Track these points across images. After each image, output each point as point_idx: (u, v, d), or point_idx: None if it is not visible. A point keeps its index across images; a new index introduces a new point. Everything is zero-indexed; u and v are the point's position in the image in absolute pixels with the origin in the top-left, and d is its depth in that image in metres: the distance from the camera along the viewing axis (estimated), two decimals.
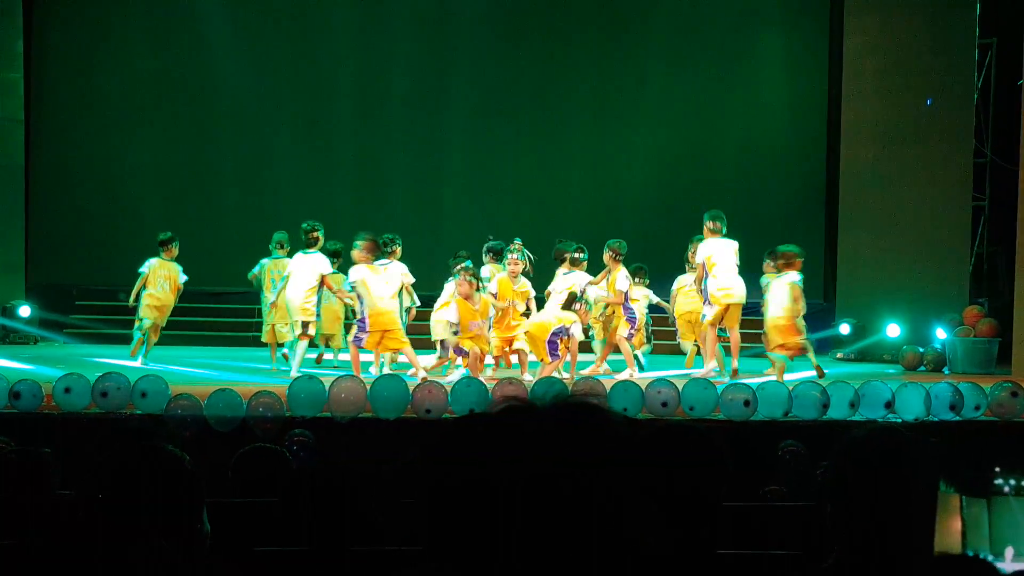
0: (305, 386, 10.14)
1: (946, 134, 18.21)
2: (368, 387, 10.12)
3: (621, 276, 14.05)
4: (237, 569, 4.45)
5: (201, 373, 13.37)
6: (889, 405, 10.57)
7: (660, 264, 16.70)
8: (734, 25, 20.18)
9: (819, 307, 19.19)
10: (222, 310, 16.89)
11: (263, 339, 14.86)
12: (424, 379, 11.40)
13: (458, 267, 13.31)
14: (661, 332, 16.32)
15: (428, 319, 14.01)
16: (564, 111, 20.03)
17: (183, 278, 14.46)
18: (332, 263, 14.14)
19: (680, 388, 10.51)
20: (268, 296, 14.52)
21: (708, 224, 14.08)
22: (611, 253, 14.10)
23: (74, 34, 19.46)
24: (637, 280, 14.70)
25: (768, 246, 16.36)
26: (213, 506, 2.87)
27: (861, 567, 2.88)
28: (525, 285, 13.67)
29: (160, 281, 14.39)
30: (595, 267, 14.59)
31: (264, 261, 14.78)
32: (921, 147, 18.16)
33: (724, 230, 14.06)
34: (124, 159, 19.41)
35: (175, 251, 14.49)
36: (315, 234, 13.83)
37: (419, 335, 14.16)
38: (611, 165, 20.06)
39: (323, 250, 13.92)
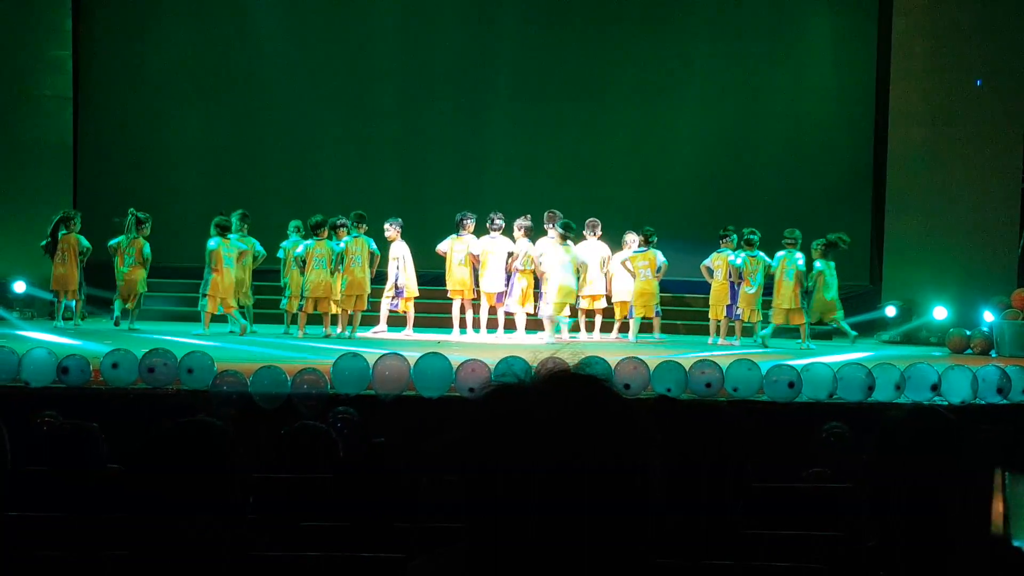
0: (349, 364, 10.17)
1: (996, 115, 18.01)
2: (412, 365, 10.14)
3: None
4: (283, 543, 4.49)
5: (247, 349, 13.47)
6: (935, 388, 10.49)
7: (703, 243, 16.69)
8: (781, 5, 20.03)
9: (865, 289, 19.08)
10: (263, 287, 16.97)
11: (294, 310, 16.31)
12: None
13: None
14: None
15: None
16: (609, 91, 19.95)
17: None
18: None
19: (724, 369, 10.47)
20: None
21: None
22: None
23: (122, 12, 19.59)
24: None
25: (814, 226, 16.38)
26: (259, 482, 2.89)
27: (902, 548, 2.86)
28: None
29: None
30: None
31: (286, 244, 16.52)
32: (970, 128, 17.98)
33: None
34: (170, 137, 19.56)
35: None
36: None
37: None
38: (656, 146, 19.98)
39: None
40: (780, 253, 16.20)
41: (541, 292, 16.13)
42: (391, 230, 16.15)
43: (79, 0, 19.09)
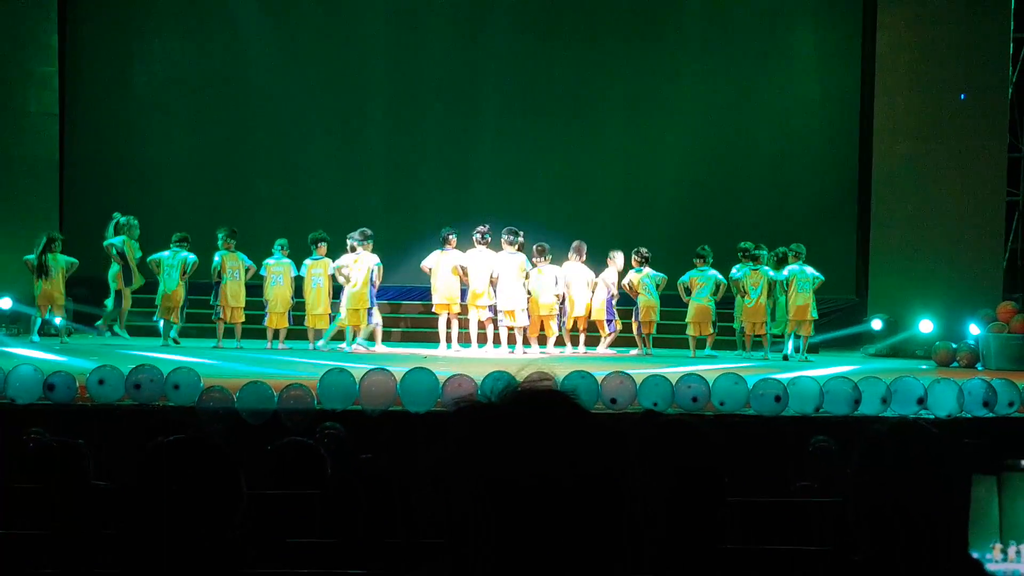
0: (336, 379, 10.17)
1: (980, 129, 18.09)
2: (398, 380, 10.14)
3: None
4: (271, 560, 4.49)
5: (232, 365, 13.45)
6: (921, 401, 10.52)
7: (689, 258, 16.72)
8: (766, 21, 20.08)
9: (851, 302, 19.13)
10: (252, 303, 16.94)
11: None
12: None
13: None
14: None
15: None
16: (596, 107, 19.97)
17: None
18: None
19: (711, 383, 10.49)
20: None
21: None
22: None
23: (108, 28, 19.56)
24: None
25: (800, 240, 16.51)
26: (247, 498, 2.90)
27: (887, 563, 2.88)
28: None
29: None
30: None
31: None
32: (955, 142, 18.05)
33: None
34: (157, 153, 19.53)
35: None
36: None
37: None
38: (643, 161, 20.00)
39: None
40: (792, 267, 16.41)
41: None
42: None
43: (65, 16, 19.04)
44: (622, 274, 16.74)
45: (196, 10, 19.92)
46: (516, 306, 16.19)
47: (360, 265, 16.10)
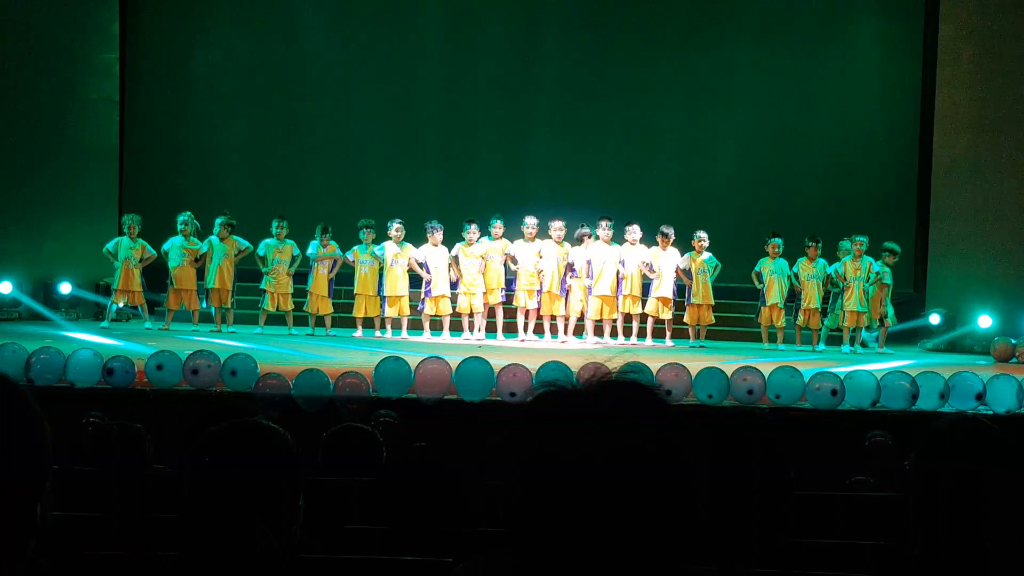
0: (391, 367, 10.21)
1: None
2: (453, 369, 10.16)
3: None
4: (327, 546, 4.51)
5: (289, 352, 13.52)
6: (980, 397, 10.41)
7: (746, 250, 16.64)
8: (826, 9, 19.90)
9: (909, 296, 18.93)
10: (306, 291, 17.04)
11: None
12: None
13: None
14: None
15: None
16: (653, 96, 19.87)
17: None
18: None
19: (767, 376, 10.44)
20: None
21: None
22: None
23: (169, 16, 19.72)
24: None
25: (858, 232, 16.41)
26: (306, 484, 2.92)
27: (946, 559, 2.86)
28: None
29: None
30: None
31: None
32: (1017, 135, 17.82)
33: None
34: (215, 140, 19.65)
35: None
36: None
37: None
38: (699, 152, 19.88)
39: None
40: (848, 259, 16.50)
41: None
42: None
43: (126, 4, 19.21)
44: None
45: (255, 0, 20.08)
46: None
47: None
